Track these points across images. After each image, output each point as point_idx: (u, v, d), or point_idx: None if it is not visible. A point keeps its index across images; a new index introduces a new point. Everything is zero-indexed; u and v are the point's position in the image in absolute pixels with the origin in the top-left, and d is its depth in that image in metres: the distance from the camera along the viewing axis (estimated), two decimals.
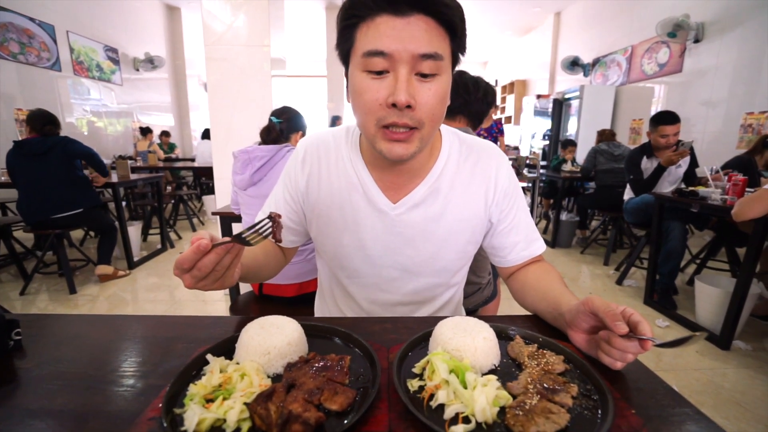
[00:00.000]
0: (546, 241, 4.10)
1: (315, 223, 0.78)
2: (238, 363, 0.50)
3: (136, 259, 3.36)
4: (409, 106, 0.57)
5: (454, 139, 0.76)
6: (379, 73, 0.57)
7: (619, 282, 2.99)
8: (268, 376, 0.49)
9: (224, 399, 0.42)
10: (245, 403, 0.41)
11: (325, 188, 0.75)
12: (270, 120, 1.57)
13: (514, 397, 0.44)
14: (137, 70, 6.33)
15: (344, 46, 0.61)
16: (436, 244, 0.74)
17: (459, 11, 0.57)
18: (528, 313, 0.73)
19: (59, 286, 2.87)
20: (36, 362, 0.55)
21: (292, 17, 7.04)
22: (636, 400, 0.47)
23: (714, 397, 1.65)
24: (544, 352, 0.53)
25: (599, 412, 0.42)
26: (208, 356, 0.50)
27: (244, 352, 0.50)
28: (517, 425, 0.39)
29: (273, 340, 0.50)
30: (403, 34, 0.54)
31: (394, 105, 0.56)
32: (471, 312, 1.31)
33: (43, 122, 2.63)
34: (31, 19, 4.39)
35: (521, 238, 0.77)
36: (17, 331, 0.58)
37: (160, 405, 0.42)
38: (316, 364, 0.49)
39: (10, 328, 0.58)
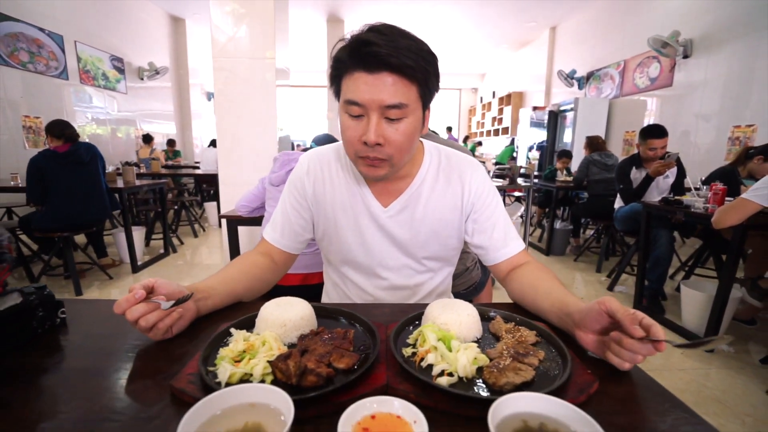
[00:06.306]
0: (540, 249, 4.24)
1: (322, 224, 0.91)
2: (258, 334, 0.58)
3: (139, 263, 3.44)
4: (379, 144, 0.71)
5: (435, 153, 0.90)
6: (356, 116, 0.71)
7: (611, 288, 3.08)
8: (284, 345, 0.57)
9: (250, 358, 0.51)
10: (268, 361, 0.50)
11: (329, 194, 0.89)
12: (311, 145, 1.80)
13: (492, 360, 0.53)
14: (141, 79, 6.47)
15: (335, 90, 0.77)
16: (422, 239, 0.89)
17: (422, 67, 0.69)
18: (511, 302, 0.82)
19: (65, 289, 2.94)
20: (79, 336, 0.64)
21: (294, 29, 7.20)
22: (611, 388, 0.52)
23: (696, 395, 1.72)
24: (520, 328, 0.62)
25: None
26: (232, 330, 0.59)
27: (263, 324, 0.59)
28: (491, 378, 0.48)
29: (288, 314, 0.59)
30: (372, 89, 0.68)
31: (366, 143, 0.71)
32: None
33: (62, 127, 2.75)
34: (41, 30, 4.52)
35: (500, 236, 0.87)
36: (62, 310, 0.67)
37: (197, 365, 0.50)
38: (325, 336, 0.57)
39: (57, 308, 0.66)
